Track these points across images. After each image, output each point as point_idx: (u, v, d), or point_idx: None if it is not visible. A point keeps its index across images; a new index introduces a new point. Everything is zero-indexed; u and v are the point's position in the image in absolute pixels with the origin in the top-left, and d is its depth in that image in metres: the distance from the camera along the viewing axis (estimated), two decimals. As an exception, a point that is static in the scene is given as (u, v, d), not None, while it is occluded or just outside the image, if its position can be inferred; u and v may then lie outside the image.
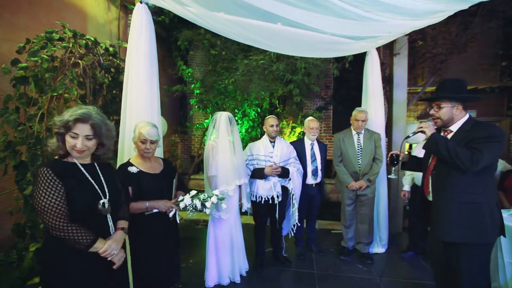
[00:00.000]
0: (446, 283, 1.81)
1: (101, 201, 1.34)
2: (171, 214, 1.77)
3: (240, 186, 2.64)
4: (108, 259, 1.32)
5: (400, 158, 2.05)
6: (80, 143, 1.29)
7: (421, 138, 2.84)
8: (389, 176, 2.97)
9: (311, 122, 3.10)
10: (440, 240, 1.73)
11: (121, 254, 1.38)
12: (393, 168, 3.01)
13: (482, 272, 1.66)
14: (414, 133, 1.89)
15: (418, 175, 2.92)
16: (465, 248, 1.64)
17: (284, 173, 2.77)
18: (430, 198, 1.87)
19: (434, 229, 1.79)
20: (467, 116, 1.77)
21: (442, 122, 1.80)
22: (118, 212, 1.48)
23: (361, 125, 3.01)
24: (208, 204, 1.85)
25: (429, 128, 1.77)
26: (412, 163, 2.12)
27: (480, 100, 4.06)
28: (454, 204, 1.67)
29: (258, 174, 2.75)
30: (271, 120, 2.83)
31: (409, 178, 3.08)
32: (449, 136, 1.78)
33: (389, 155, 2.08)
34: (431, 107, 1.84)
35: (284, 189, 2.84)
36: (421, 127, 1.80)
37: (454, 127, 1.78)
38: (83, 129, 1.30)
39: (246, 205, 2.68)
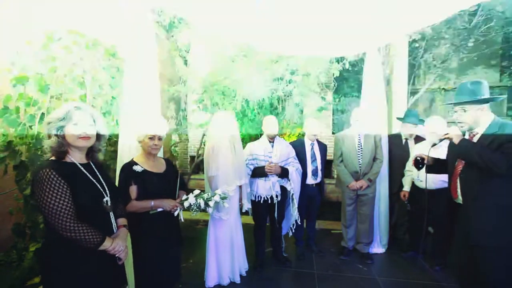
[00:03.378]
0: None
1: (105, 199, 1.36)
2: (176, 213, 1.78)
3: (240, 187, 2.64)
4: (116, 255, 1.36)
5: (426, 162, 2.03)
6: (85, 129, 1.32)
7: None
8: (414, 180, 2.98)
9: (311, 122, 3.10)
10: (471, 244, 1.69)
11: (126, 250, 1.42)
12: (405, 169, 3.00)
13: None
14: (441, 140, 1.88)
15: (419, 176, 2.92)
16: (497, 252, 1.60)
17: (283, 173, 2.77)
18: (459, 201, 1.87)
19: (463, 233, 1.75)
20: (492, 117, 1.73)
21: (468, 126, 1.76)
22: (116, 209, 1.49)
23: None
24: (211, 203, 1.86)
25: (457, 134, 1.75)
26: (438, 166, 2.08)
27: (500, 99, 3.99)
28: (487, 207, 1.64)
29: (258, 172, 2.74)
30: (270, 121, 2.82)
31: (409, 179, 3.08)
32: (475, 138, 1.75)
33: (413, 159, 2.07)
34: (454, 111, 1.82)
35: (283, 189, 2.84)
36: (448, 134, 1.79)
37: (480, 129, 1.74)
38: (84, 117, 1.34)
39: (247, 206, 2.68)
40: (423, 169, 2.84)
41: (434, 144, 2.04)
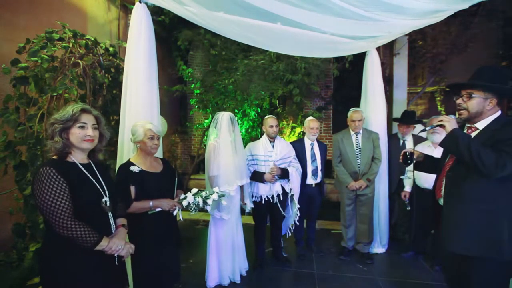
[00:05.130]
0: None
1: (103, 200, 1.36)
2: (175, 213, 1.78)
3: (242, 187, 2.64)
4: (115, 254, 1.35)
5: (415, 157, 1.84)
6: (90, 131, 1.34)
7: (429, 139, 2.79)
8: (401, 177, 2.95)
9: (311, 122, 3.10)
10: (449, 251, 1.57)
11: (127, 246, 1.41)
12: (406, 169, 2.98)
13: None
14: (433, 127, 1.68)
15: (419, 176, 2.91)
16: (478, 262, 1.46)
17: (283, 174, 2.77)
18: (441, 202, 1.70)
19: (443, 237, 1.61)
20: (498, 113, 1.51)
21: (468, 115, 1.53)
22: (115, 210, 1.49)
23: (358, 125, 3.01)
24: (209, 201, 1.86)
25: (451, 122, 1.50)
26: (428, 163, 1.90)
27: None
28: (469, 212, 1.47)
29: (257, 177, 2.75)
30: (270, 120, 2.82)
31: (410, 180, 3.06)
32: (473, 134, 1.56)
33: (402, 153, 1.85)
34: (459, 95, 1.57)
35: (283, 189, 2.84)
36: (442, 120, 1.54)
37: (481, 124, 1.53)
38: (89, 119, 1.36)
39: (250, 205, 2.68)
40: (411, 177, 2.81)
41: (424, 130, 1.84)
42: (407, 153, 1.84)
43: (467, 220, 1.48)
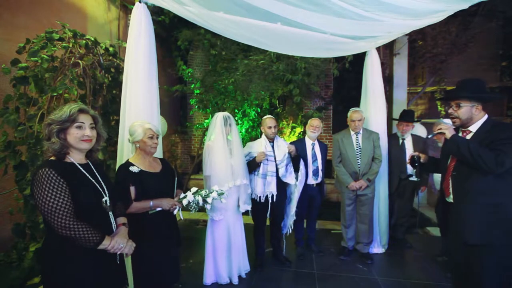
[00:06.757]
0: (466, 286, 1.77)
1: (104, 199, 1.37)
2: (175, 212, 1.78)
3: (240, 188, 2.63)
4: (118, 252, 1.36)
5: (422, 160, 2.06)
6: (88, 131, 1.34)
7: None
8: (410, 179, 2.95)
9: (313, 120, 3.13)
10: (462, 243, 1.69)
11: (129, 244, 1.41)
12: (414, 170, 3.00)
13: (504, 275, 1.62)
14: (434, 135, 1.86)
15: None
16: (488, 250, 1.61)
17: (296, 160, 2.82)
18: (450, 199, 1.84)
19: (454, 232, 1.75)
20: (486, 117, 1.75)
21: (461, 122, 1.78)
22: (115, 209, 1.49)
23: (358, 125, 3.01)
24: (209, 200, 1.86)
25: (449, 129, 1.74)
26: (430, 164, 2.11)
27: (497, 100, 4.03)
28: (477, 205, 1.64)
29: (252, 166, 2.70)
30: (268, 121, 2.79)
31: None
32: (468, 137, 1.76)
33: (409, 157, 2.12)
34: (449, 106, 1.82)
35: (281, 188, 2.83)
36: (440, 129, 1.76)
37: (473, 127, 1.76)
38: (87, 119, 1.36)
39: (243, 207, 2.63)
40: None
41: (427, 138, 2.06)
42: (415, 157, 2.08)
43: (476, 212, 1.65)
